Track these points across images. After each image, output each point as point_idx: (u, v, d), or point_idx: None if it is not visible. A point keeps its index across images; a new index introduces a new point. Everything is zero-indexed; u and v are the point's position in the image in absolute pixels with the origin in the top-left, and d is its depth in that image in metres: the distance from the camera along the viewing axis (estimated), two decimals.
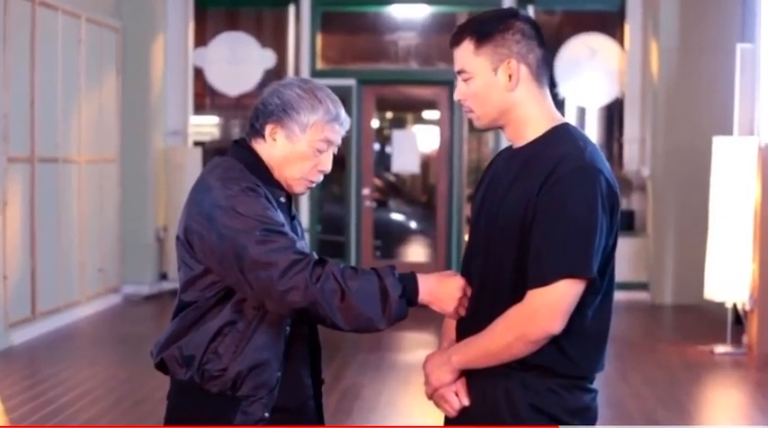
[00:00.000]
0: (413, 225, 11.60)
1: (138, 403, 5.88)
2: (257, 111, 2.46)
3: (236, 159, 2.44)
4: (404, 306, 2.29)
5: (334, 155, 2.49)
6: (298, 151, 2.42)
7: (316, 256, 2.30)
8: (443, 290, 2.33)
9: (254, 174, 2.40)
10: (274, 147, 2.44)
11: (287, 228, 2.33)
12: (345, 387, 6.27)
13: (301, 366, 2.47)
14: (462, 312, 2.35)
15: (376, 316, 2.27)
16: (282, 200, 2.44)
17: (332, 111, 2.42)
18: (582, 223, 2.17)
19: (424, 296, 2.32)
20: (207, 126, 11.11)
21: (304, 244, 2.40)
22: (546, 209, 2.18)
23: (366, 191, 10.72)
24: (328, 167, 2.47)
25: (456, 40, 2.32)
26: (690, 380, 6.75)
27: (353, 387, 6.34)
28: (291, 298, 2.24)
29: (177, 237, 2.42)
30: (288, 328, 2.41)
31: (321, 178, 2.50)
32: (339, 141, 2.47)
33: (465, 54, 2.30)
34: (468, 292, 2.35)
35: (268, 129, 2.43)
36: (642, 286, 10.00)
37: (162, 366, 2.45)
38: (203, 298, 2.38)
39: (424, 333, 7.92)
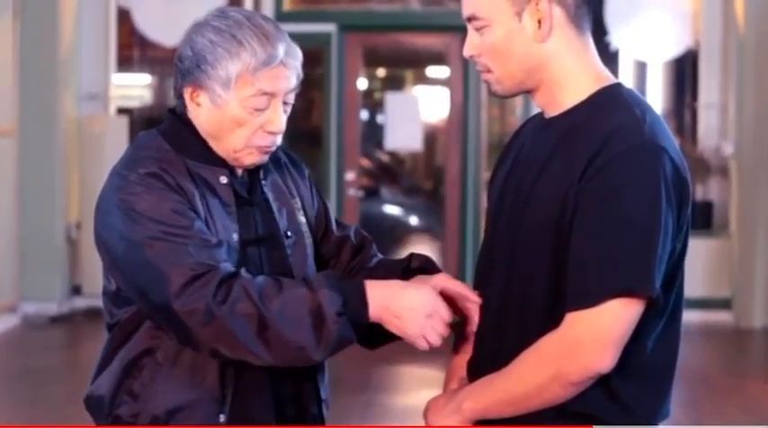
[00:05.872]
0: (413, 221, 11.61)
1: None
2: (175, 68, 2.49)
3: (160, 134, 2.48)
4: (347, 326, 2.28)
5: (292, 105, 2.48)
6: (229, 116, 2.43)
7: (229, 268, 2.29)
8: (405, 303, 2.32)
9: (184, 153, 2.42)
10: (200, 115, 2.46)
11: (197, 228, 2.32)
12: None
13: (259, 405, 2.45)
14: (435, 341, 2.34)
15: (309, 343, 2.26)
16: (224, 180, 2.45)
17: (259, 52, 2.39)
18: (640, 221, 2.17)
19: (376, 310, 2.31)
20: (135, 87, 11.12)
21: (222, 252, 2.35)
22: (591, 201, 2.18)
23: (350, 176, 10.72)
24: (279, 126, 2.46)
25: None
26: None
27: None
28: (193, 325, 2.25)
29: None
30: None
31: (278, 140, 2.49)
32: (288, 86, 2.44)
33: None
34: (446, 315, 2.35)
35: (187, 92, 2.46)
36: (724, 304, 10.03)
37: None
38: (126, 320, 2.42)
39: (427, 367, 7.89)
